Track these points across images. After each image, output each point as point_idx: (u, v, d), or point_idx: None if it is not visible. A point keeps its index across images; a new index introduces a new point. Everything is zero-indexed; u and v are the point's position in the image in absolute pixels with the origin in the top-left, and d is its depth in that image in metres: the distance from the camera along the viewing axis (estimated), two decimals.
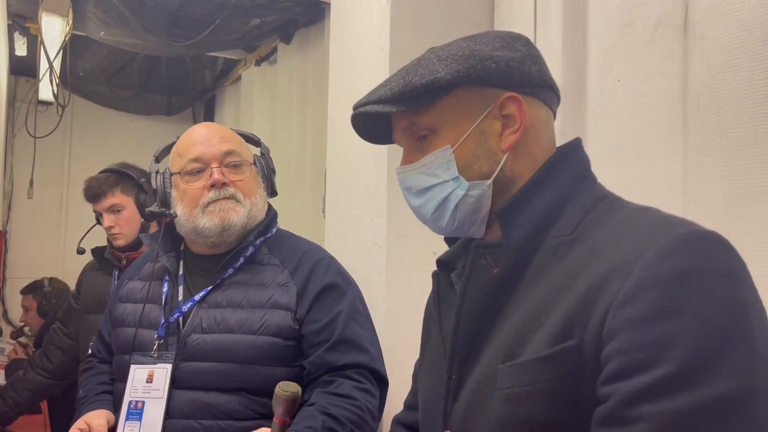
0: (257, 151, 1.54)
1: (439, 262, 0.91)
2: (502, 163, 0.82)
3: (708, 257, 0.66)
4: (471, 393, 0.79)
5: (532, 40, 1.74)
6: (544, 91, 0.85)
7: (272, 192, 1.52)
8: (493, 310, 0.79)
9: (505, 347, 0.75)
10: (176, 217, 1.41)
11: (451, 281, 0.88)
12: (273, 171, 1.53)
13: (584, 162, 0.86)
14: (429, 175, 0.84)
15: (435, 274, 0.92)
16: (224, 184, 1.38)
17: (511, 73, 0.81)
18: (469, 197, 0.82)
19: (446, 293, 0.88)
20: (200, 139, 1.42)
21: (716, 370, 0.61)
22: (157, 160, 1.50)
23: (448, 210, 0.84)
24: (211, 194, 1.37)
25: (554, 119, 0.89)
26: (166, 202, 1.44)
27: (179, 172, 1.41)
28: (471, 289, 0.81)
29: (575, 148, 0.86)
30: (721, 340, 0.62)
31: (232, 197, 1.39)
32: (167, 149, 1.51)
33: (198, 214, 1.37)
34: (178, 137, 1.50)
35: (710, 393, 0.60)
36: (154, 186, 1.45)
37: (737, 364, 0.61)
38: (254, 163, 1.47)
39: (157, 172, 1.46)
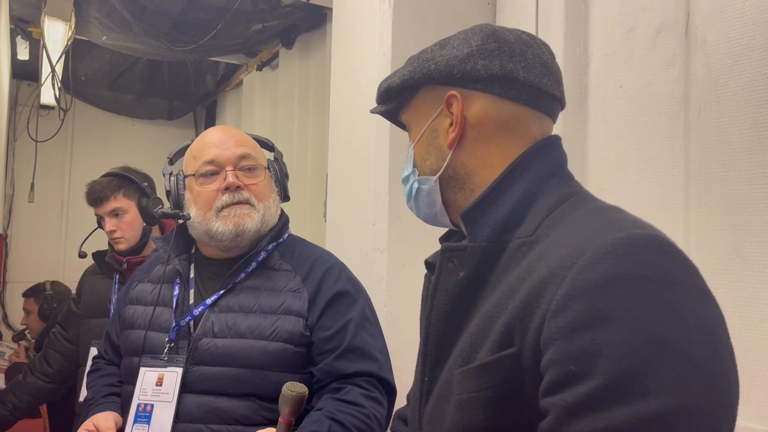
0: (271, 155, 1.55)
1: (427, 263, 0.91)
2: (447, 159, 0.84)
3: (643, 262, 0.63)
4: (436, 396, 0.80)
5: None
6: (502, 85, 0.80)
7: (285, 197, 1.52)
8: (459, 314, 0.79)
9: (463, 352, 0.75)
10: (189, 218, 1.41)
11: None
12: (286, 176, 1.53)
13: (557, 159, 0.84)
14: (405, 167, 0.92)
15: (426, 276, 0.92)
16: (238, 187, 1.38)
17: (450, 72, 0.82)
18: (421, 191, 0.88)
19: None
20: (215, 142, 1.42)
21: (649, 384, 0.58)
22: (171, 162, 1.51)
23: (412, 200, 0.91)
24: (225, 197, 1.37)
25: (541, 114, 0.84)
26: (179, 204, 1.44)
27: (193, 174, 1.41)
28: (439, 293, 0.81)
29: (548, 145, 0.83)
30: (652, 351, 0.59)
31: (247, 202, 1.39)
32: (181, 151, 1.51)
33: (212, 218, 1.37)
34: (192, 140, 1.50)
35: (643, 410, 0.58)
36: (167, 188, 1.45)
37: (671, 377, 0.59)
38: (268, 168, 1.47)
39: (171, 173, 1.46)
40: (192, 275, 1.45)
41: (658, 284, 0.62)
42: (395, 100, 0.90)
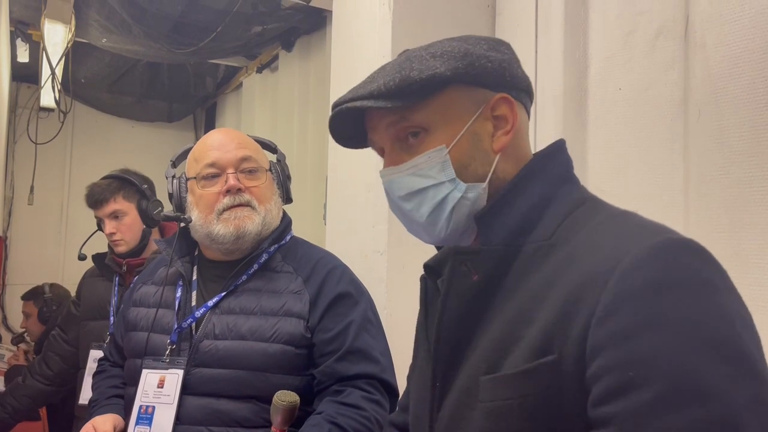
0: (274, 157, 1.55)
1: (426, 266, 0.88)
2: (494, 164, 0.81)
3: (683, 266, 0.64)
4: (454, 403, 0.78)
5: (533, 49, 1.77)
6: (525, 96, 0.85)
7: (287, 199, 1.52)
8: (473, 318, 0.78)
9: (487, 359, 0.74)
10: (191, 221, 1.41)
11: (437, 287, 0.85)
12: (289, 178, 1.53)
13: (566, 164, 0.84)
14: (421, 177, 0.81)
15: (423, 279, 0.89)
16: (239, 189, 1.38)
17: (503, 75, 0.81)
18: (465, 200, 0.80)
19: (432, 299, 0.86)
20: (217, 144, 1.42)
21: (711, 385, 0.59)
22: (174, 165, 1.51)
23: (444, 213, 0.81)
24: (226, 200, 1.37)
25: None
26: (181, 207, 1.44)
27: (195, 177, 1.41)
28: (451, 297, 0.79)
29: (557, 150, 0.84)
30: (709, 353, 0.60)
31: (248, 204, 1.39)
32: (184, 154, 1.52)
33: (213, 221, 1.37)
34: (195, 142, 1.51)
35: (707, 413, 0.58)
36: (169, 190, 1.46)
37: (731, 377, 0.59)
38: (270, 170, 1.47)
39: (173, 176, 1.46)
40: (194, 277, 1.45)
41: (703, 287, 0.63)
42: (416, 96, 0.79)
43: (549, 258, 0.73)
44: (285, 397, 1.16)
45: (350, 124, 0.86)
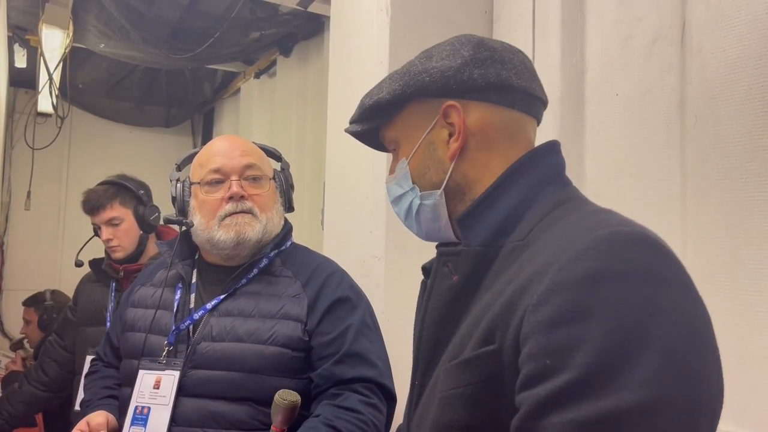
0: (278, 165, 1.56)
1: (424, 269, 0.91)
2: (450, 171, 0.83)
3: (625, 258, 0.63)
4: (425, 399, 0.80)
5: (531, 54, 1.77)
6: (499, 93, 0.82)
7: (289, 207, 1.53)
8: (452, 318, 0.79)
9: (451, 354, 0.75)
10: (192, 226, 1.42)
11: None
12: (292, 187, 1.55)
13: (554, 165, 0.84)
14: (398, 186, 0.89)
15: (422, 282, 0.92)
16: (242, 197, 1.40)
17: (447, 83, 0.82)
18: (424, 206, 0.86)
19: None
20: (222, 150, 1.44)
21: (623, 378, 0.58)
22: (179, 168, 1.52)
23: (412, 218, 0.89)
24: (229, 206, 1.39)
25: (533, 119, 0.86)
26: (183, 211, 1.46)
27: (199, 182, 1.43)
28: (434, 297, 0.82)
29: (546, 151, 0.84)
30: (630, 346, 0.59)
31: (249, 211, 1.40)
32: (189, 158, 1.54)
33: (214, 226, 1.39)
34: (200, 148, 1.52)
35: (615, 404, 0.57)
36: (173, 194, 1.47)
37: (647, 372, 0.58)
38: (273, 178, 1.48)
39: (178, 180, 1.48)
40: (194, 280, 1.46)
41: (641, 280, 0.62)
42: (379, 117, 0.88)
43: (520, 257, 0.74)
44: (287, 396, 1.16)
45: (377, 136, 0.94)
